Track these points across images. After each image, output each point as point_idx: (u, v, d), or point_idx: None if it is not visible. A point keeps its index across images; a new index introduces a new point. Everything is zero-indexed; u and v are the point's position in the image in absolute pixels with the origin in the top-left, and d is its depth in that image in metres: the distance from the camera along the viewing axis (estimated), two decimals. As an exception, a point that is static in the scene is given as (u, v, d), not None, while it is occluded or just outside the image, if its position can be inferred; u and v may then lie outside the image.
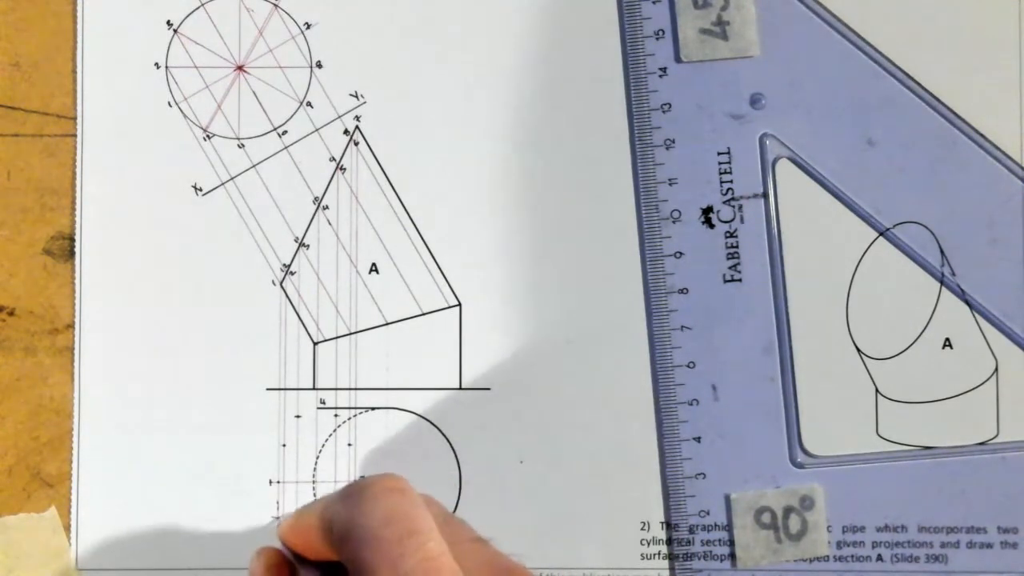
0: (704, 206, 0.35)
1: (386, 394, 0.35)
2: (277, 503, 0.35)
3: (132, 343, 0.35)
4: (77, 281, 0.35)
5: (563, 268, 0.35)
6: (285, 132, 0.36)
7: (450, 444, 0.35)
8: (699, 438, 0.35)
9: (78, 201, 0.35)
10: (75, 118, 0.35)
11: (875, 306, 0.35)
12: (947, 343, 0.35)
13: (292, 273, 0.36)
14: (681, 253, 0.35)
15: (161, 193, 0.35)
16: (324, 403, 0.35)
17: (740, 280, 0.35)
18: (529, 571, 0.27)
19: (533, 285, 0.35)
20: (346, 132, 0.36)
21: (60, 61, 0.35)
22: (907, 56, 0.35)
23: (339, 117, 0.36)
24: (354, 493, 0.26)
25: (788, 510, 0.35)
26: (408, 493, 0.26)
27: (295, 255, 0.36)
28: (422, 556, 0.24)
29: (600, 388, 0.35)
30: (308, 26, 0.36)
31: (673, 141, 0.35)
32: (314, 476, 0.35)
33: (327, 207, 0.36)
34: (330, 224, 0.36)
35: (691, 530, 0.35)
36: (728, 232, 0.35)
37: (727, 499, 0.35)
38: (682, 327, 0.35)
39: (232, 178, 0.36)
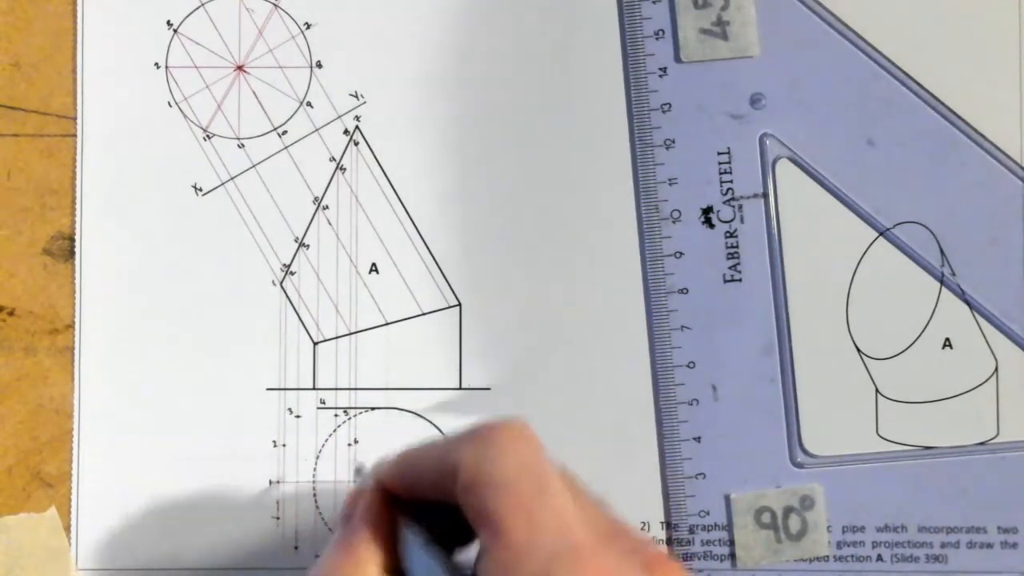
0: (704, 206, 0.35)
1: (386, 394, 0.35)
2: (277, 503, 0.35)
3: (132, 343, 0.35)
4: (77, 281, 0.35)
5: (563, 268, 0.35)
6: (285, 132, 0.36)
7: (450, 444, 0.35)
8: (699, 438, 0.35)
9: (78, 201, 0.35)
10: (75, 118, 0.35)
11: (875, 306, 0.35)
12: (947, 343, 0.35)
13: (292, 273, 0.36)
14: (681, 253, 0.35)
15: (161, 193, 0.35)
16: (324, 403, 0.35)
17: (740, 280, 0.35)
18: (643, 534, 0.26)
19: (533, 285, 0.35)
20: (346, 132, 0.36)
21: (60, 61, 0.35)
22: (907, 56, 0.35)
23: (339, 117, 0.36)
24: (483, 438, 0.25)
25: (788, 510, 0.35)
26: (536, 442, 0.25)
27: (295, 255, 0.36)
28: (555, 510, 0.24)
29: (600, 388, 0.35)
30: (308, 26, 0.36)
31: (673, 141, 0.35)
32: (314, 476, 0.35)
33: (327, 207, 0.36)
34: (330, 224, 0.36)
35: (691, 530, 0.35)
36: (728, 232, 0.35)
37: (727, 499, 0.35)
38: (682, 327, 0.35)
39: (232, 178, 0.36)
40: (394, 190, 0.36)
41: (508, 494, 0.24)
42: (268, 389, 0.35)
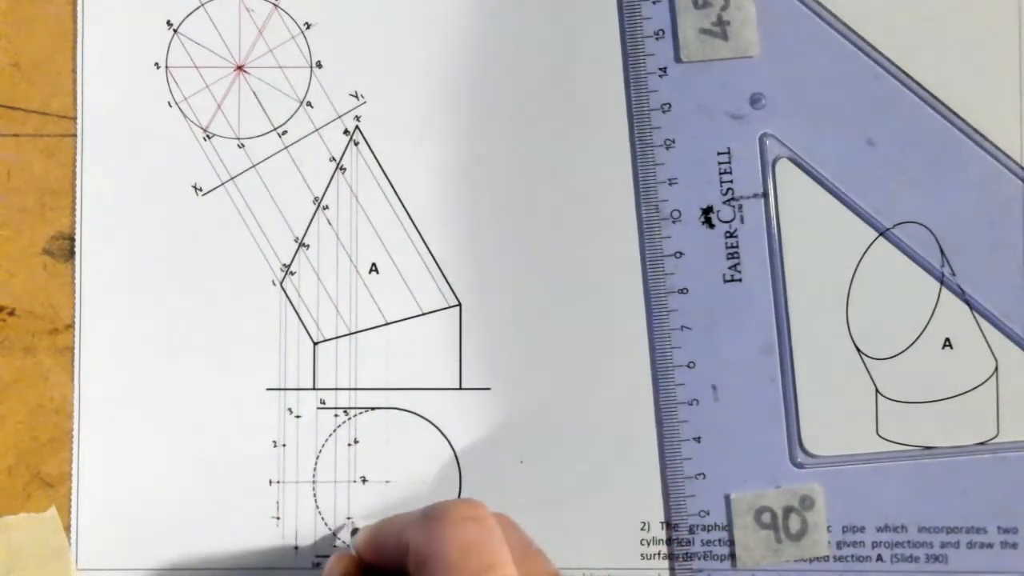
0: (704, 206, 0.35)
1: (386, 394, 0.35)
2: (277, 503, 0.35)
3: (132, 343, 0.35)
4: (77, 281, 0.35)
5: (563, 268, 0.35)
6: (285, 132, 0.36)
7: (450, 444, 0.35)
8: (699, 438, 0.35)
9: (78, 201, 0.35)
10: (75, 118, 0.35)
11: (875, 306, 0.35)
12: (947, 343, 0.35)
13: (292, 273, 0.36)
14: (681, 253, 0.35)
15: (161, 193, 0.35)
16: (324, 403, 0.35)
17: (740, 280, 0.35)
18: None
19: (533, 285, 0.35)
20: (346, 132, 0.36)
21: (60, 61, 0.35)
22: (907, 56, 0.35)
23: (339, 117, 0.36)
24: (434, 518, 0.26)
25: (788, 510, 0.35)
26: (487, 522, 0.26)
27: (295, 255, 0.36)
28: None
29: (600, 388, 0.35)
30: (308, 26, 0.36)
31: (673, 141, 0.35)
32: (314, 476, 0.35)
33: (327, 207, 0.36)
34: (330, 224, 0.36)
35: (691, 530, 0.35)
36: (728, 232, 0.35)
37: (727, 499, 0.35)
38: (682, 327, 0.35)
39: (232, 178, 0.36)
40: (394, 190, 0.36)
41: (451, 575, 0.25)
42: (268, 389, 0.35)
